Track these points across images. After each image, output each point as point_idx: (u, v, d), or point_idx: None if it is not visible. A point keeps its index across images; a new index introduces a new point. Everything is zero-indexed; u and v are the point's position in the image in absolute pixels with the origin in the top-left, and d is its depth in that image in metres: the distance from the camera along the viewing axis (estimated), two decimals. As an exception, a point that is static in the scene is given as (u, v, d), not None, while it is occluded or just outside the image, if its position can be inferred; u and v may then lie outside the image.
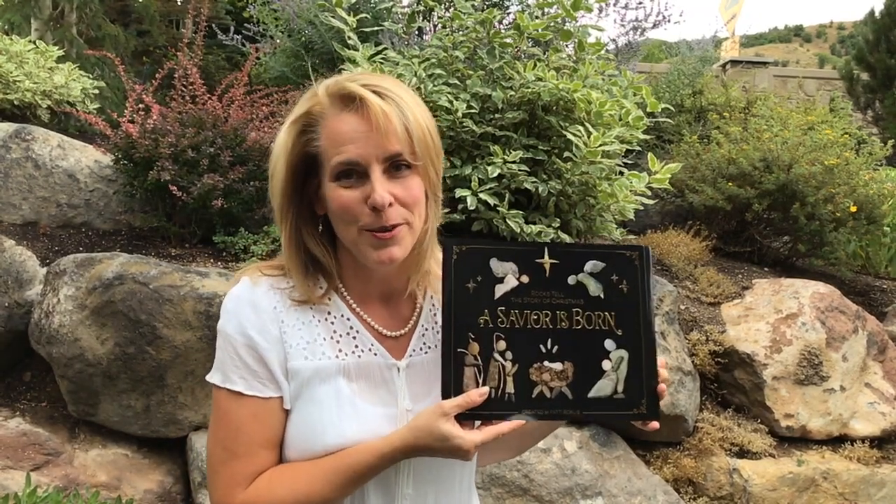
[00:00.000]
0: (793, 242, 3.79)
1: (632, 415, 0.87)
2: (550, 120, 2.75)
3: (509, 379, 0.85)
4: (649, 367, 0.87)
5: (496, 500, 2.40)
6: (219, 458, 0.88)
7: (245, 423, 0.87)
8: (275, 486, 0.86)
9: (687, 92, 4.94)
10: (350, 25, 2.85)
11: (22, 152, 3.11)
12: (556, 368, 0.86)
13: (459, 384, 0.84)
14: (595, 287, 0.89)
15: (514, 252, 0.89)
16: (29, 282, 2.65)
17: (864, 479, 2.75)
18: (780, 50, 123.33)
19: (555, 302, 0.88)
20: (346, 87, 0.85)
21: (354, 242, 0.87)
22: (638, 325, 0.88)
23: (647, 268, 0.90)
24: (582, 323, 0.87)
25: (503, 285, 0.88)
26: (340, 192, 0.85)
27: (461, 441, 0.81)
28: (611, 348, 0.87)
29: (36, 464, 2.36)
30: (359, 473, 0.84)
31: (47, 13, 5.81)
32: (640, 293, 0.89)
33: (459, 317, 0.86)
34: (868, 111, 9.22)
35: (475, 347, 0.85)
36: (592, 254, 0.90)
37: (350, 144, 0.84)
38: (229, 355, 0.88)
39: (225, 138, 2.90)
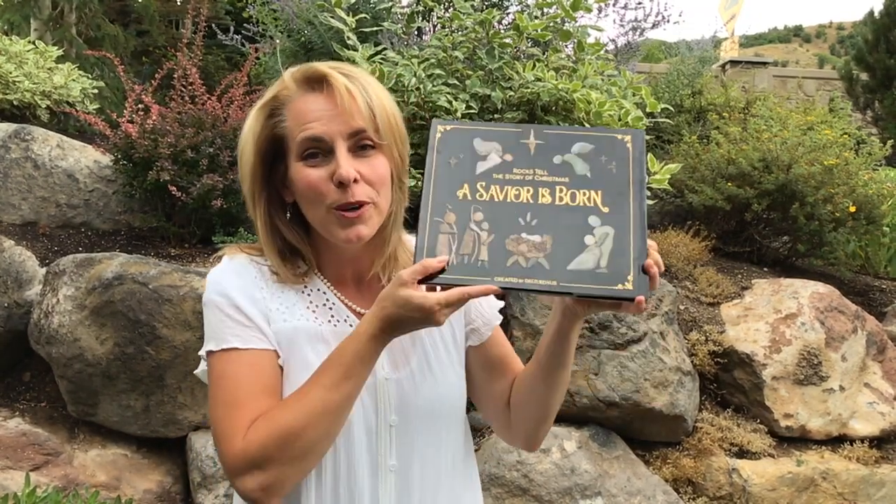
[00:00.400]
0: (792, 242, 3.79)
1: (616, 290, 0.80)
2: (550, 120, 2.75)
3: (483, 247, 0.82)
4: (638, 244, 0.81)
5: (496, 500, 2.40)
6: (221, 417, 0.85)
7: (243, 375, 0.86)
8: (273, 416, 0.83)
9: (686, 92, 4.94)
10: (349, 26, 2.85)
11: (21, 152, 3.11)
12: (535, 240, 0.82)
13: (432, 249, 0.82)
14: (582, 166, 0.85)
15: (499, 132, 0.88)
16: (28, 282, 2.65)
17: (864, 478, 2.75)
18: (779, 50, 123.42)
19: (538, 179, 0.85)
20: (311, 68, 0.88)
21: (322, 222, 0.89)
22: (626, 204, 0.83)
23: (640, 150, 0.86)
24: (566, 199, 0.84)
25: (485, 162, 0.86)
26: (307, 171, 0.87)
27: (423, 300, 0.78)
28: (595, 224, 0.83)
29: (35, 464, 2.36)
30: (347, 365, 0.82)
31: (47, 13, 5.81)
32: (631, 173, 0.84)
33: (438, 189, 0.85)
34: (867, 111, 9.22)
35: (451, 217, 0.83)
36: (581, 136, 0.87)
37: (315, 122, 0.86)
38: (219, 319, 0.88)
39: (224, 138, 2.90)
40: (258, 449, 0.81)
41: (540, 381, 0.96)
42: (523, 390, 0.99)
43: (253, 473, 0.81)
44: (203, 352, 0.91)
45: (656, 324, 2.67)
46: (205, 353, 0.91)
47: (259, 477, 0.81)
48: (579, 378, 2.55)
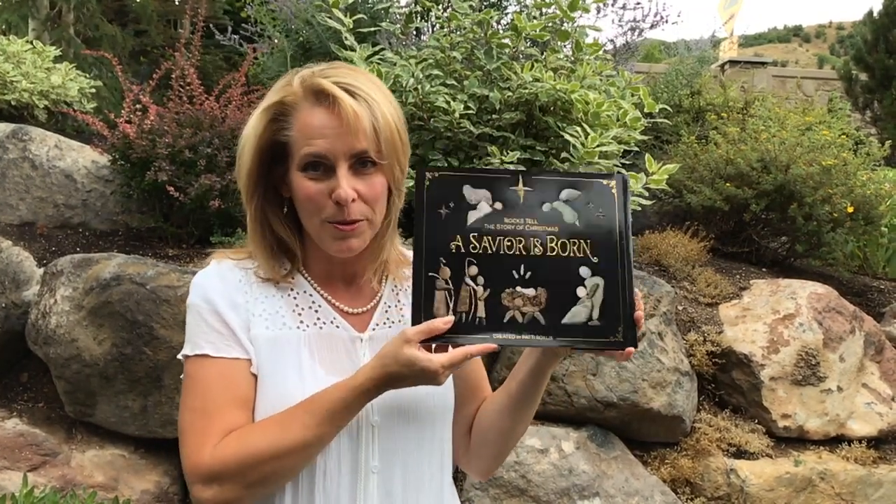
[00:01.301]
0: (790, 243, 3.79)
1: (607, 342, 0.84)
2: (548, 120, 2.75)
3: (480, 303, 0.84)
4: (626, 295, 0.85)
5: (493, 501, 2.40)
6: (188, 423, 0.87)
7: (213, 383, 0.87)
8: (246, 436, 0.84)
9: (685, 92, 4.94)
10: (346, 26, 2.85)
11: (19, 152, 3.11)
12: (529, 294, 0.84)
13: (430, 307, 0.83)
14: (570, 215, 0.87)
15: (488, 179, 0.89)
16: (26, 282, 2.64)
17: (861, 479, 2.75)
18: (778, 50, 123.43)
19: (529, 228, 0.86)
20: (320, 84, 0.88)
21: (317, 232, 0.91)
22: (615, 253, 0.86)
23: (624, 196, 0.88)
24: (556, 250, 0.86)
25: (476, 212, 0.87)
26: (307, 184, 0.88)
27: (428, 363, 0.80)
28: (586, 275, 0.85)
29: (33, 464, 2.36)
30: (331, 412, 0.83)
31: (45, 13, 5.80)
32: (617, 221, 0.87)
33: (431, 242, 0.85)
34: (866, 111, 9.23)
35: (446, 272, 0.84)
36: (568, 182, 0.89)
37: (320, 139, 0.87)
38: (196, 323, 0.90)
39: (222, 139, 2.90)
40: (222, 465, 0.83)
41: (507, 414, 0.98)
42: (488, 419, 1.01)
43: (212, 486, 0.83)
44: (181, 355, 0.92)
45: (654, 324, 2.68)
46: (182, 356, 0.92)
47: (216, 491, 0.83)
48: (577, 379, 2.55)
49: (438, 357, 0.81)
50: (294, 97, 0.89)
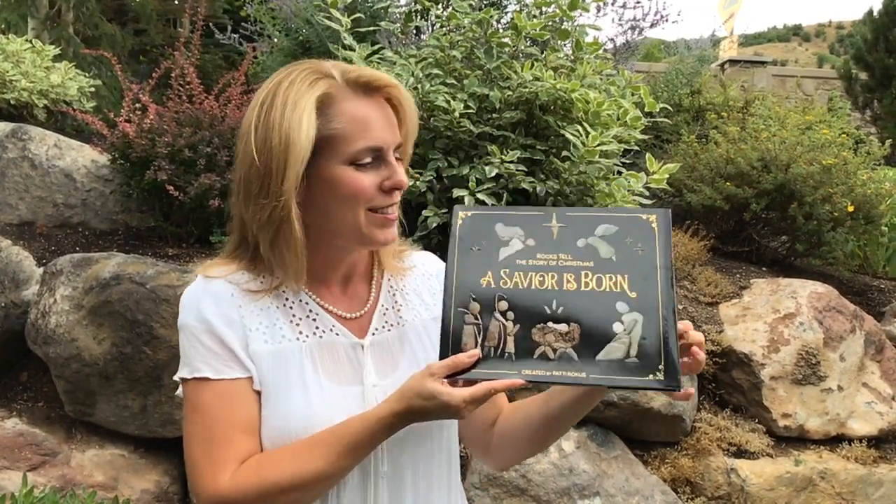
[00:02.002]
0: (791, 242, 3.79)
1: (647, 381, 0.77)
2: (548, 120, 2.75)
3: (510, 338, 0.81)
4: (667, 331, 0.78)
5: (494, 501, 2.40)
6: (198, 453, 0.85)
7: (217, 408, 0.85)
8: (264, 467, 0.83)
9: (685, 91, 4.93)
10: (344, 26, 2.84)
11: (18, 152, 3.11)
12: (562, 329, 0.80)
13: (458, 342, 0.82)
14: (606, 249, 0.83)
15: (521, 217, 0.87)
16: (25, 282, 2.64)
17: (862, 478, 2.75)
18: (778, 49, 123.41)
19: (562, 264, 0.83)
20: (374, 76, 0.88)
21: (357, 224, 0.87)
22: (654, 288, 0.80)
23: (665, 230, 0.83)
24: (591, 285, 0.81)
25: (508, 248, 0.85)
26: (357, 176, 0.85)
27: (449, 397, 0.78)
28: (623, 311, 0.80)
29: (33, 464, 2.35)
30: (353, 444, 0.82)
31: (44, 12, 5.79)
32: (658, 256, 0.82)
33: (461, 278, 0.84)
34: (866, 111, 9.23)
35: (476, 307, 0.83)
36: (605, 217, 0.85)
37: (376, 130, 0.86)
38: (192, 346, 0.87)
39: (222, 138, 2.90)
40: (242, 495, 0.82)
41: (542, 427, 0.96)
42: (521, 424, 0.98)
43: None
44: (178, 377, 0.89)
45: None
46: (176, 379, 0.90)
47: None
48: (577, 378, 2.54)
49: (461, 392, 0.79)
50: (334, 89, 0.86)
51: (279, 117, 0.83)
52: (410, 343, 0.95)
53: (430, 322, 0.97)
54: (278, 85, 0.86)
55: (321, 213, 0.88)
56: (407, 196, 2.69)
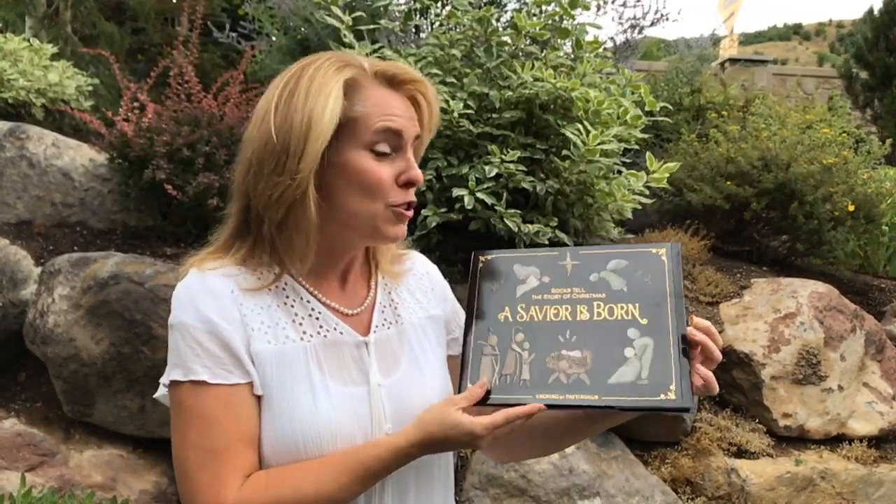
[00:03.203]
0: (791, 241, 3.78)
1: (658, 401, 0.80)
2: (548, 119, 2.74)
3: (525, 366, 0.85)
4: (678, 354, 0.81)
5: (493, 501, 2.39)
6: (194, 462, 0.79)
7: (217, 416, 0.80)
8: (275, 486, 0.79)
9: (685, 90, 4.92)
10: (345, 23, 2.83)
11: (16, 151, 3.09)
12: (575, 356, 0.84)
13: (476, 371, 0.87)
14: (618, 282, 0.87)
15: (537, 258, 0.92)
16: (23, 281, 2.63)
17: (862, 478, 2.75)
18: (779, 48, 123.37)
19: (575, 297, 0.88)
20: (403, 70, 0.87)
21: (373, 218, 0.85)
22: (665, 314, 0.83)
23: (675, 262, 0.86)
24: (603, 314, 0.85)
25: (524, 285, 0.90)
26: (375, 166, 0.83)
27: (472, 426, 0.79)
28: (634, 336, 0.83)
29: (31, 464, 2.34)
30: (371, 471, 0.80)
31: (42, 11, 5.78)
32: (668, 285, 0.85)
33: (480, 315, 0.90)
34: (867, 110, 9.22)
35: (493, 339, 0.88)
36: (616, 254, 0.89)
37: (398, 116, 0.85)
38: (188, 346, 0.81)
39: (220, 137, 2.88)
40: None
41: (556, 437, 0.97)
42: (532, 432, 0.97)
43: None
44: (166, 380, 0.83)
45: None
46: (168, 381, 0.83)
47: None
48: (577, 378, 2.54)
49: (481, 420, 0.80)
50: (363, 77, 0.85)
51: (303, 98, 0.82)
52: (410, 341, 0.93)
53: (426, 321, 0.96)
54: (303, 69, 0.85)
55: (335, 200, 0.84)
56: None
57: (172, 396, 0.83)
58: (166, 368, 0.85)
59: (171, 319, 0.83)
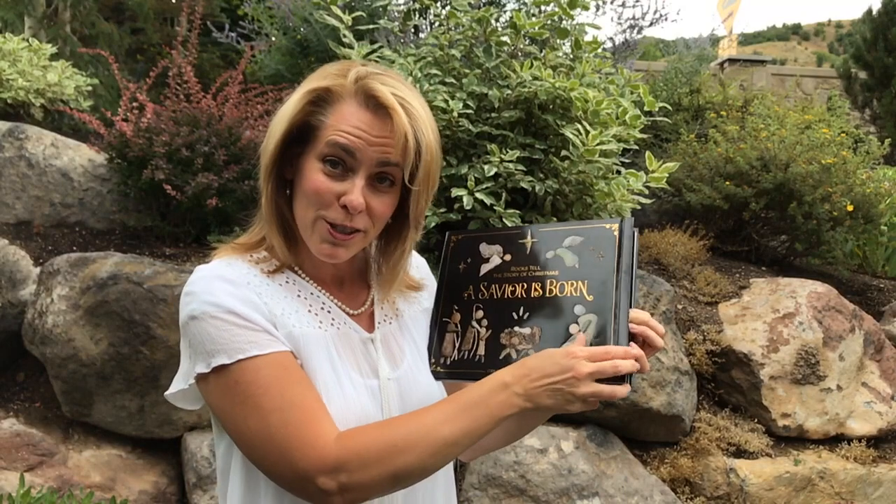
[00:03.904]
0: (790, 241, 3.79)
1: None
2: (547, 119, 2.74)
3: (482, 343, 0.90)
4: (618, 331, 0.84)
5: (493, 501, 2.39)
6: (277, 425, 0.78)
7: (283, 378, 0.80)
8: (377, 429, 0.79)
9: (684, 90, 4.93)
10: (345, 23, 2.83)
11: (15, 151, 3.09)
12: (525, 332, 0.88)
13: (440, 347, 0.94)
14: (571, 259, 0.90)
15: (501, 236, 0.96)
16: (22, 282, 2.63)
17: (861, 478, 2.75)
18: (777, 48, 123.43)
19: (531, 274, 0.91)
20: (376, 90, 0.83)
21: (307, 226, 0.86)
22: (610, 291, 0.86)
23: (627, 237, 0.88)
24: (555, 291, 0.89)
25: (488, 264, 0.95)
26: (320, 176, 0.84)
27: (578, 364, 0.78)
28: (580, 313, 0.86)
29: (30, 464, 2.34)
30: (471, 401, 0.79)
31: (41, 11, 5.77)
32: (616, 261, 0.87)
33: (447, 293, 0.96)
34: (866, 110, 9.23)
35: (457, 317, 0.94)
36: (571, 231, 0.92)
37: (355, 137, 0.83)
38: (222, 331, 0.80)
39: (219, 137, 2.88)
40: (356, 457, 0.77)
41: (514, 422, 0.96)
42: None
43: (339, 475, 0.77)
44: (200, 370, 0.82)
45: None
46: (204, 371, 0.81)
47: (344, 479, 0.77)
48: (576, 378, 2.54)
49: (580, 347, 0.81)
50: (343, 89, 0.85)
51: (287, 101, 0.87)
52: (410, 332, 0.96)
53: (421, 314, 0.99)
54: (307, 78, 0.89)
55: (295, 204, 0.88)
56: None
57: (219, 382, 0.81)
58: (186, 365, 0.85)
59: (189, 312, 0.82)
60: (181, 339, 0.86)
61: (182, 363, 0.87)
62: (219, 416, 0.84)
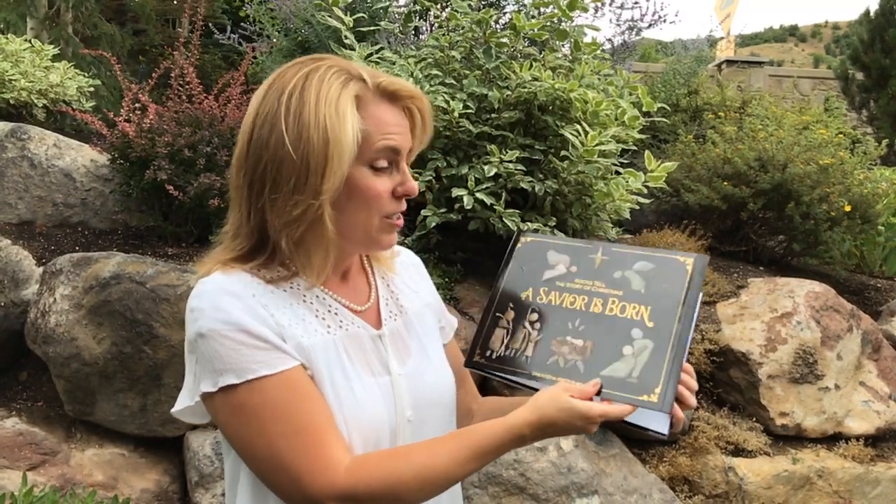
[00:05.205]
0: (788, 241, 3.80)
1: (641, 401, 0.83)
2: (547, 119, 2.76)
3: (531, 345, 0.91)
4: (673, 363, 0.84)
5: (492, 499, 2.41)
6: (288, 451, 0.78)
7: (291, 401, 0.80)
8: (386, 458, 0.81)
9: (682, 91, 4.95)
10: (346, 25, 2.85)
11: (18, 151, 3.11)
12: (577, 344, 0.89)
13: (487, 340, 0.94)
14: (638, 283, 0.91)
15: (572, 247, 0.98)
16: (25, 281, 2.64)
17: (859, 477, 2.77)
18: (775, 49, 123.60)
19: (595, 290, 0.92)
20: (403, 85, 0.88)
21: (370, 229, 0.88)
22: (672, 323, 0.87)
23: (698, 273, 0.90)
24: (615, 311, 0.90)
25: (552, 271, 0.96)
26: (374, 180, 0.86)
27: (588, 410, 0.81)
28: (637, 336, 0.87)
29: (32, 463, 2.35)
30: (485, 448, 0.82)
31: (43, 12, 5.79)
32: (683, 295, 0.89)
33: (506, 289, 0.96)
34: (863, 111, 9.26)
35: (511, 315, 0.94)
36: (644, 256, 0.93)
37: (396, 134, 0.87)
38: (230, 349, 0.80)
39: (221, 137, 2.90)
40: (364, 486, 0.79)
41: None
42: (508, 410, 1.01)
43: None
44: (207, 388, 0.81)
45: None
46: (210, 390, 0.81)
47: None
48: (576, 377, 2.55)
49: (598, 407, 0.82)
50: (367, 92, 0.86)
51: (314, 112, 0.81)
52: (415, 329, 0.97)
53: (424, 308, 1.01)
54: (306, 78, 0.84)
55: (338, 214, 0.87)
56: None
57: (226, 402, 0.81)
58: (192, 382, 0.84)
59: (197, 329, 0.81)
60: (187, 354, 0.85)
61: (187, 379, 0.86)
62: (226, 435, 0.85)
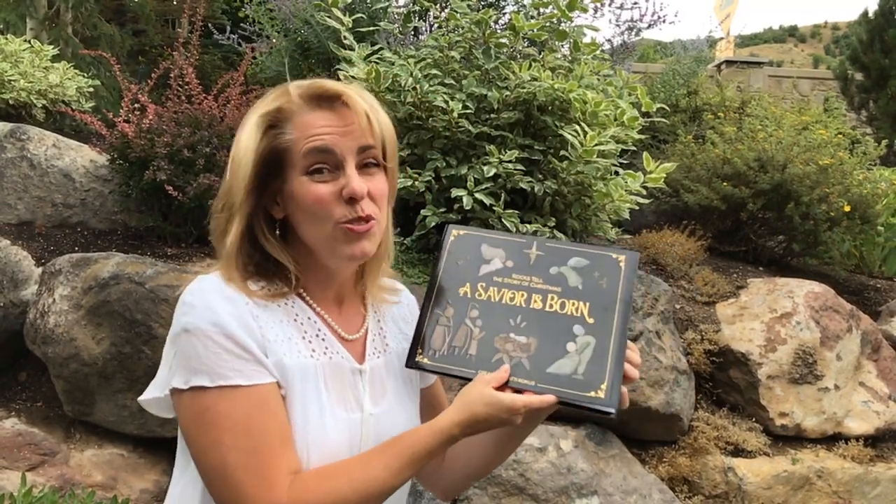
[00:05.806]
0: (787, 242, 3.81)
1: (588, 398, 0.85)
2: (546, 120, 2.76)
3: (474, 342, 0.90)
4: (615, 358, 0.86)
5: (492, 500, 2.41)
6: (235, 466, 0.78)
7: (256, 418, 0.79)
8: (326, 479, 0.80)
9: (682, 92, 4.95)
10: (346, 25, 2.85)
11: (17, 152, 3.11)
12: (521, 341, 0.89)
13: (428, 338, 0.92)
14: (575, 279, 0.92)
15: (505, 241, 0.96)
16: (24, 282, 2.64)
17: (859, 477, 2.77)
18: (774, 50, 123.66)
19: (533, 286, 0.92)
20: (322, 86, 0.86)
21: (327, 239, 0.85)
22: (611, 318, 0.88)
23: (631, 270, 0.91)
24: (555, 307, 0.90)
25: (488, 266, 0.95)
26: (314, 186, 0.84)
27: (512, 402, 0.82)
28: (579, 333, 0.88)
29: (31, 464, 2.35)
30: (417, 454, 0.82)
31: (42, 12, 5.79)
32: (620, 292, 0.90)
33: (443, 286, 0.94)
34: (862, 111, 9.27)
35: (450, 311, 0.93)
36: (578, 252, 0.93)
37: (324, 135, 0.84)
38: (211, 351, 0.79)
39: (221, 138, 2.90)
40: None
41: (492, 447, 0.99)
42: (468, 448, 0.99)
43: None
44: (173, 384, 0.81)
45: (652, 323, 2.68)
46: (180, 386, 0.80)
47: None
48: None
49: (522, 398, 0.83)
50: (291, 104, 0.85)
51: (238, 135, 0.87)
52: (394, 371, 0.95)
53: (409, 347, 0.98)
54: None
55: (298, 229, 0.87)
56: (405, 196, 2.70)
57: (193, 403, 0.80)
58: (166, 374, 0.83)
59: (184, 324, 0.81)
60: (167, 345, 0.84)
61: (161, 370, 0.85)
62: (184, 436, 0.84)
